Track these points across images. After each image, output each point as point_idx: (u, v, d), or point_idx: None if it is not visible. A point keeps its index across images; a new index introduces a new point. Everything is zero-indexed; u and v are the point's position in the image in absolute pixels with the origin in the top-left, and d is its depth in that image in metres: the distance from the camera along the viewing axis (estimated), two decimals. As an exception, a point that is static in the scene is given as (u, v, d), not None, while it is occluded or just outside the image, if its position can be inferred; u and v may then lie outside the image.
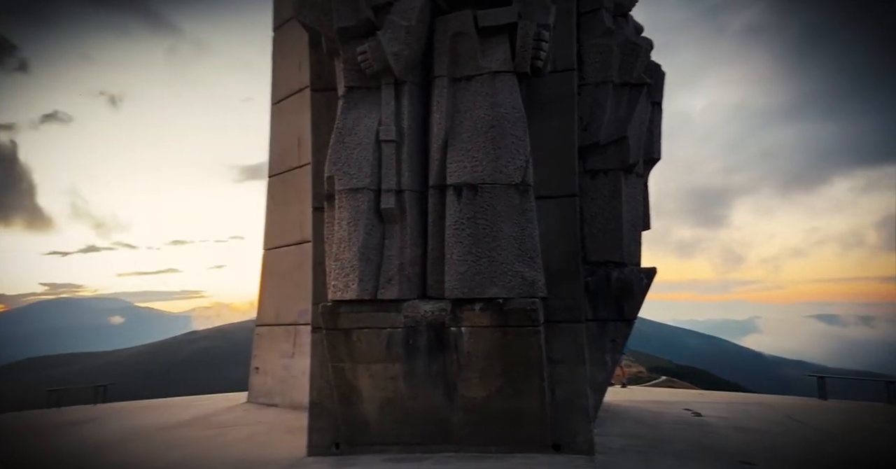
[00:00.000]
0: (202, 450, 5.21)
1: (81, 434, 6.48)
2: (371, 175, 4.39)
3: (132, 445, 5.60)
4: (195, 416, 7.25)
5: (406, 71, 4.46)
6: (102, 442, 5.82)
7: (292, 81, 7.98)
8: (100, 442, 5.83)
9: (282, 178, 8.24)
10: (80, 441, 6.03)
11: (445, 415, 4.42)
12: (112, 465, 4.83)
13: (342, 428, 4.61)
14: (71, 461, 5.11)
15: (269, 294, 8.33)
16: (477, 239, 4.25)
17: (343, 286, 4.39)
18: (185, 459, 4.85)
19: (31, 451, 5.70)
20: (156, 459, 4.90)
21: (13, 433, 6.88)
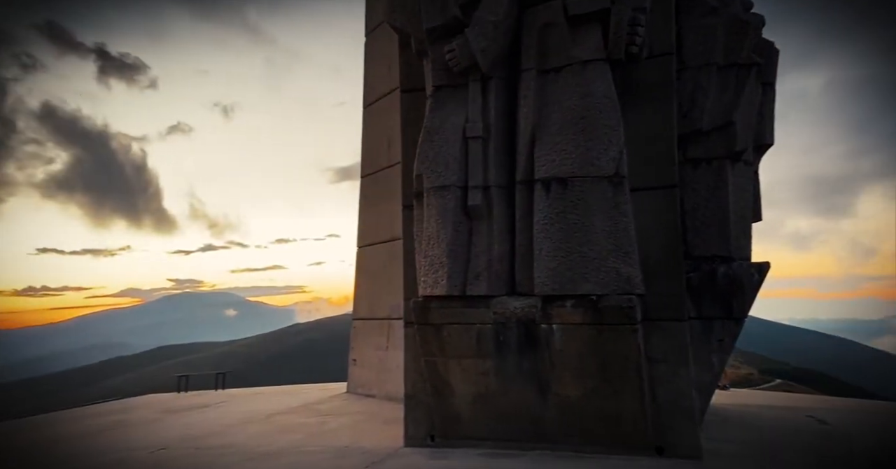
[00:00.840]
0: (309, 435, 5.58)
1: (209, 416, 7.23)
2: (458, 172, 4.42)
3: (251, 428, 6.15)
4: (301, 403, 7.77)
5: (493, 66, 4.43)
6: (227, 424, 6.45)
7: (382, 84, 8.26)
8: (224, 424, 6.46)
9: (373, 178, 8.57)
10: (208, 422, 6.73)
11: (538, 412, 4.37)
12: (237, 445, 5.33)
13: (436, 421, 4.71)
14: (203, 438, 5.71)
15: (363, 289, 8.70)
16: (567, 234, 4.14)
17: (433, 282, 4.47)
18: (295, 444, 5.22)
19: (171, 430, 6.43)
20: (271, 443, 5.33)
21: (153, 413, 7.81)
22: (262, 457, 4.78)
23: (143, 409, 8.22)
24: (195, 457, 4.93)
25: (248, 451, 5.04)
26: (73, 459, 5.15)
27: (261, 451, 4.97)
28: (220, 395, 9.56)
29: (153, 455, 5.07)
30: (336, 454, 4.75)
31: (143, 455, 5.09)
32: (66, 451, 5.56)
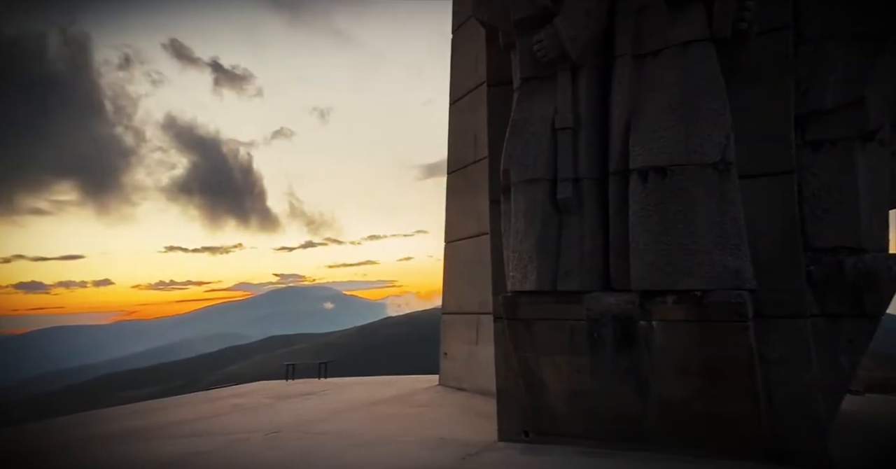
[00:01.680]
0: (406, 425, 5.78)
1: (314, 403, 7.74)
2: (546, 165, 4.33)
3: (352, 415, 6.50)
4: (396, 394, 8.06)
5: (584, 54, 4.28)
6: (331, 411, 6.87)
7: (469, 80, 8.30)
8: (329, 411, 6.89)
9: (459, 174, 8.64)
10: (314, 408, 7.22)
11: (638, 413, 4.18)
12: (342, 431, 5.66)
13: (530, 417, 4.67)
14: (311, 424, 6.13)
15: (452, 284, 8.83)
16: (667, 226, 3.91)
17: (521, 277, 4.43)
18: (393, 432, 5.44)
19: (282, 415, 6.97)
20: (371, 431, 5.60)
21: (266, 398, 8.50)
22: (365, 443, 5.02)
23: (257, 395, 8.97)
24: (305, 440, 5.29)
25: (352, 437, 5.32)
26: (199, 438, 5.74)
27: (364, 438, 5.23)
28: (323, 383, 10.18)
29: (268, 437, 5.51)
30: (432, 445, 4.87)
31: (259, 437, 5.55)
32: (193, 430, 6.22)
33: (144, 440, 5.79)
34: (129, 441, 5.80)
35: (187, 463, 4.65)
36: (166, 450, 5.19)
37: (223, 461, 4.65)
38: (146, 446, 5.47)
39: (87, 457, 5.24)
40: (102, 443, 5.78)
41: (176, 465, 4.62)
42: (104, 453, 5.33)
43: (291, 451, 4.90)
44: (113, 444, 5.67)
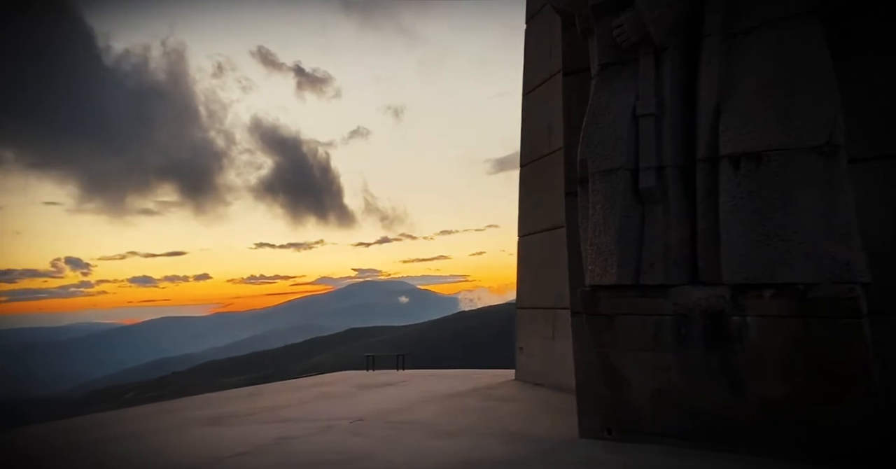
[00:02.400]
0: (483, 418, 5.82)
1: (394, 393, 7.99)
2: (627, 154, 4.16)
3: (430, 407, 6.65)
4: (472, 387, 8.13)
5: (668, 36, 4.05)
6: (411, 402, 7.07)
7: (543, 70, 8.15)
8: (409, 402, 7.10)
9: (533, 167, 8.52)
10: (394, 399, 7.46)
11: (731, 413, 3.94)
12: (421, 421, 5.82)
13: (612, 414, 4.54)
14: (392, 413, 6.35)
15: (526, 278, 8.74)
16: (762, 215, 3.62)
17: (601, 271, 4.29)
18: (471, 425, 5.50)
19: (364, 404, 7.28)
20: (450, 422, 5.70)
21: (349, 388, 8.89)
22: (444, 435, 5.12)
23: (340, 384, 9.40)
24: (387, 429, 5.48)
25: (431, 428, 5.44)
26: (290, 423, 6.12)
27: (442, 430, 5.33)
28: (401, 374, 10.47)
29: (353, 425, 5.76)
30: (510, 439, 4.88)
31: (345, 424, 5.82)
32: (284, 416, 6.63)
33: (242, 424, 6.25)
34: (228, 424, 6.29)
35: (281, 446, 4.97)
36: (261, 434, 5.57)
37: (313, 446, 4.92)
38: (244, 430, 5.91)
39: (192, 438, 5.75)
40: (204, 425, 6.31)
41: (270, 447, 4.95)
42: (206, 435, 5.82)
43: (374, 439, 5.10)
44: (214, 427, 6.17)
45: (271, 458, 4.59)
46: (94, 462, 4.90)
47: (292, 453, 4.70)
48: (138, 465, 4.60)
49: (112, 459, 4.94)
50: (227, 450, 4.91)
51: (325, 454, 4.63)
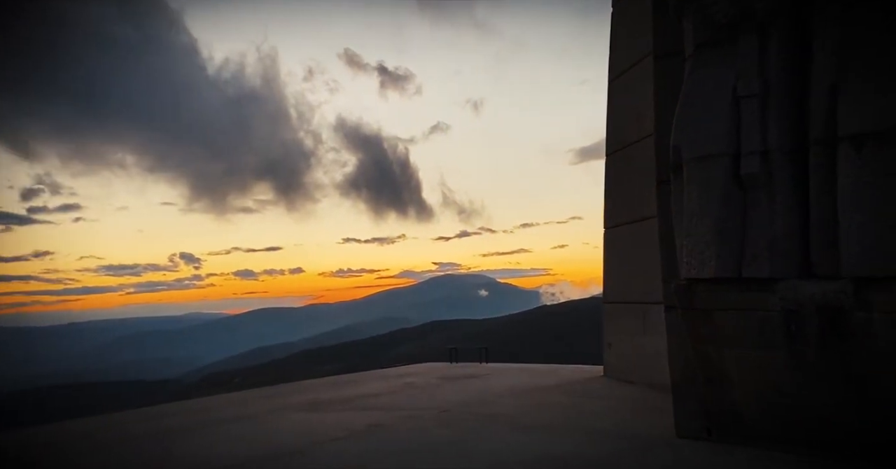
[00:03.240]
0: (568, 414, 5.73)
1: (477, 386, 8.06)
2: (726, 138, 3.88)
3: (514, 400, 6.64)
4: (557, 382, 8.01)
5: (773, 10, 3.72)
6: (495, 394, 7.11)
7: (631, 54, 7.81)
8: (493, 394, 7.14)
9: (620, 155, 8.19)
10: (478, 391, 7.54)
11: (847, 418, 3.58)
12: (504, 414, 5.84)
13: (712, 414, 4.29)
14: (476, 405, 6.41)
15: (613, 272, 8.43)
16: (890, 202, 3.24)
17: (698, 264, 4.05)
18: (555, 420, 5.44)
19: (449, 395, 7.43)
20: (533, 416, 5.68)
21: (434, 379, 9.10)
22: (528, 428, 5.10)
23: (426, 375, 9.64)
24: (471, 420, 5.56)
25: (516, 421, 5.44)
26: (380, 411, 6.38)
27: (527, 423, 5.31)
28: (484, 367, 10.54)
29: (439, 415, 5.91)
30: (599, 436, 4.76)
31: (431, 414, 5.98)
32: (374, 404, 6.92)
33: (336, 410, 6.61)
34: (324, 410, 6.68)
35: (373, 433, 5.20)
36: (355, 420, 5.86)
37: (402, 435, 5.11)
38: (338, 416, 6.25)
39: (293, 421, 6.17)
40: (303, 410, 6.74)
41: (363, 434, 5.20)
42: (305, 419, 6.22)
43: (459, 429, 5.19)
44: (311, 413, 6.58)
45: (365, 443, 4.82)
46: (226, 438, 5.40)
47: (384, 440, 4.91)
48: (256, 445, 5.00)
49: (236, 438, 5.41)
50: (325, 434, 5.22)
51: (414, 443, 4.79)
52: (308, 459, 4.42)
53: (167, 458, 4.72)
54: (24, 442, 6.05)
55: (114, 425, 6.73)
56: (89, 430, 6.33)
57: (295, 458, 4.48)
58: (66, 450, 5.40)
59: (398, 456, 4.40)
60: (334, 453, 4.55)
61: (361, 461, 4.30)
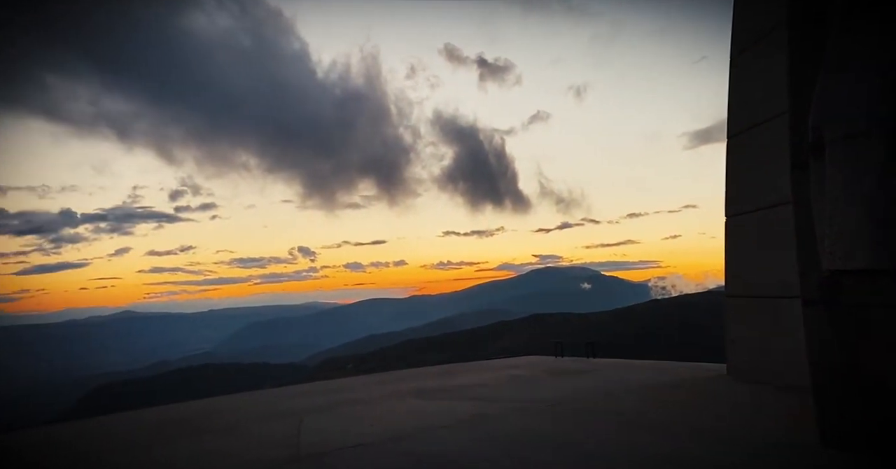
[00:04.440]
0: (687, 415, 5.37)
1: (587, 381, 7.86)
2: (881, 114, 3.38)
3: (628, 398, 6.38)
4: (672, 380, 7.56)
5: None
6: (605, 391, 6.88)
7: (761, 24, 7.08)
8: (603, 391, 6.92)
9: (745, 137, 7.47)
10: (587, 387, 7.34)
11: None
12: (618, 411, 5.64)
13: (865, 423, 3.79)
14: (585, 401, 6.25)
15: (737, 264, 7.73)
16: None
17: (843, 254, 3.58)
18: (675, 421, 5.11)
19: (557, 390, 7.32)
20: (650, 415, 5.40)
21: (539, 372, 9.02)
22: (642, 427, 4.87)
23: (530, 368, 9.59)
24: (580, 416, 5.42)
25: (628, 419, 5.22)
26: (486, 402, 6.45)
27: (640, 422, 5.07)
28: (592, 363, 10.22)
29: (545, 408, 5.85)
30: (723, 440, 4.41)
31: (538, 407, 5.94)
32: (480, 394, 7.02)
33: (443, 399, 6.81)
34: (431, 398, 6.91)
35: (479, 422, 5.29)
36: (461, 409, 5.99)
37: (509, 426, 5.13)
38: (445, 404, 6.43)
39: (404, 407, 6.46)
40: (412, 397, 7.03)
41: (470, 423, 5.30)
42: (415, 406, 6.48)
43: (568, 424, 5.09)
44: (420, 399, 6.84)
45: (473, 432, 4.91)
46: (350, 419, 5.83)
47: (491, 430, 4.97)
48: (376, 427, 5.32)
49: (359, 419, 5.80)
50: (434, 421, 5.40)
51: (523, 434, 4.79)
52: (419, 443, 4.61)
53: (309, 434, 5.16)
54: (184, 412, 6.99)
55: (256, 403, 7.52)
56: (239, 406, 7.14)
57: (408, 441, 4.70)
58: (225, 420, 6.15)
59: (503, 445, 4.43)
60: (441, 439, 4.70)
61: (466, 448, 4.39)
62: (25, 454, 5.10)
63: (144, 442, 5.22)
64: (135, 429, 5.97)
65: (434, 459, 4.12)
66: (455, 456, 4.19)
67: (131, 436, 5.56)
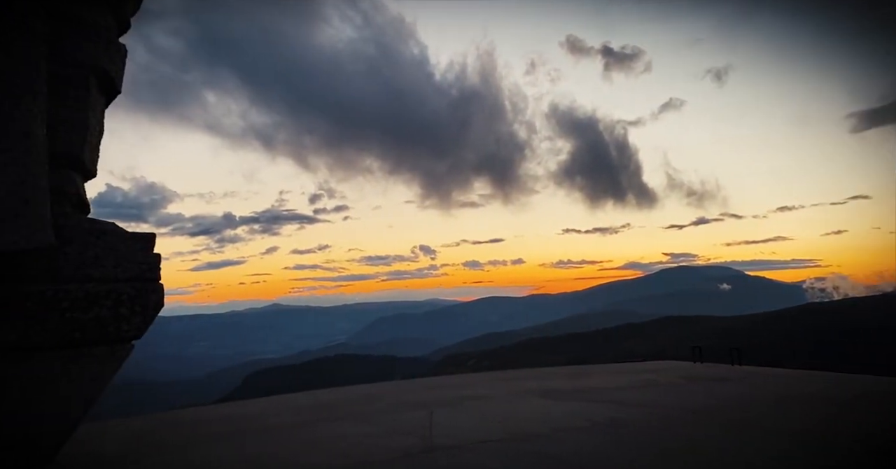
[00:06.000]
0: (859, 432, 4.60)
1: (732, 389, 7.13)
2: None
3: (783, 409, 5.67)
4: (844, 394, 6.54)
5: None
6: (753, 400, 6.20)
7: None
8: (753, 399, 6.24)
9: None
10: (730, 395, 6.66)
11: None
12: (771, 424, 5.02)
13: None
14: (724, 412, 5.67)
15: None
16: None
17: None
18: (836, 435, 4.41)
19: (695, 396, 6.72)
20: (810, 426, 4.72)
21: (676, 378, 8.37)
22: (794, 439, 4.27)
23: (665, 373, 8.94)
24: (728, 427, 4.91)
25: (786, 433, 4.60)
26: (620, 405, 6.12)
27: (792, 430, 4.45)
28: (737, 370, 9.24)
29: (685, 415, 5.39)
30: None
31: (678, 413, 5.50)
32: (613, 397, 6.67)
33: (573, 400, 6.60)
34: (560, 398, 6.73)
35: (613, 427, 5.03)
36: (595, 412, 5.75)
37: (645, 432, 4.81)
38: (576, 406, 6.22)
39: (531, 407, 6.37)
40: (539, 396, 6.92)
41: (604, 426, 5.06)
42: (543, 406, 6.37)
43: (709, 433, 4.65)
44: (548, 400, 6.70)
45: (609, 436, 4.68)
46: (477, 415, 5.93)
47: (625, 436, 4.69)
48: (505, 425, 5.34)
49: (486, 416, 5.88)
50: (566, 423, 5.24)
51: (657, 442, 4.46)
52: (551, 444, 4.50)
53: (439, 426, 5.33)
54: (337, 397, 7.63)
55: (389, 393, 7.96)
56: (373, 395, 7.62)
57: (539, 441, 4.61)
58: (360, 407, 6.61)
59: (640, 453, 4.15)
60: (575, 442, 4.54)
61: (602, 453, 4.19)
62: (216, 426, 5.91)
63: (296, 423, 5.77)
64: (287, 411, 6.63)
65: (567, 462, 4.00)
66: (588, 460, 4.03)
67: (284, 418, 6.17)
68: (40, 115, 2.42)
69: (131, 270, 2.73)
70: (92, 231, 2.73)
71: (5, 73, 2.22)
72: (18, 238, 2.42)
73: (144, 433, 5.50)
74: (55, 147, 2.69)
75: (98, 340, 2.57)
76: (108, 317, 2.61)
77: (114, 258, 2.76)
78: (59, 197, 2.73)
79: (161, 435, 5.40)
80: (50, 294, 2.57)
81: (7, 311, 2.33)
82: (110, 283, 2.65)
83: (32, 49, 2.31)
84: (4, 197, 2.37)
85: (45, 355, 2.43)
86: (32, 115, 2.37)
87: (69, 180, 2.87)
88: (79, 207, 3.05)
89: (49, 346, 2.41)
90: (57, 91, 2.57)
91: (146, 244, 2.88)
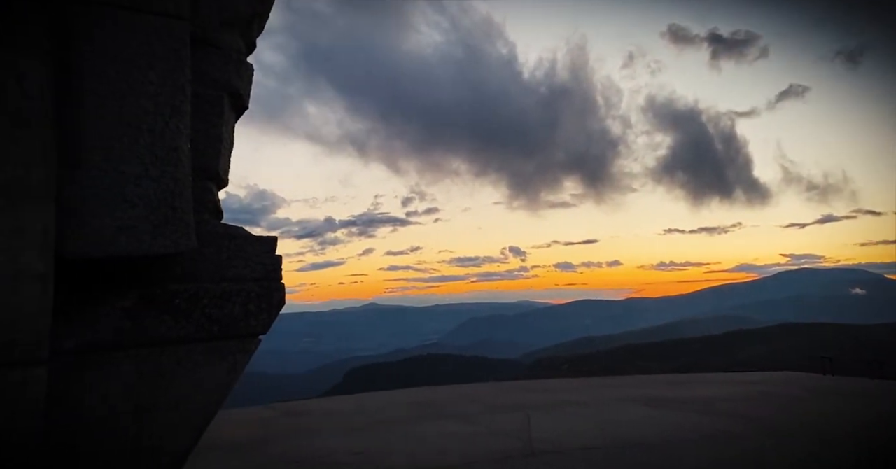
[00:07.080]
0: None
1: (874, 410, 6.34)
2: None
3: None
4: None
5: None
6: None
7: None
8: (887, 422, 5.50)
9: None
10: (878, 416, 5.93)
11: None
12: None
13: None
14: (866, 429, 5.07)
15: None
16: None
17: None
18: None
19: (821, 409, 6.08)
20: None
21: (798, 391, 7.61)
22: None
23: (786, 385, 8.16)
24: (857, 449, 4.39)
25: None
26: (727, 418, 5.70)
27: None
28: (877, 385, 8.19)
29: (808, 432, 4.88)
30: None
31: (798, 430, 5.00)
32: (722, 410, 6.22)
33: (677, 410, 6.25)
34: (664, 407, 6.41)
35: (725, 441, 4.71)
36: (700, 423, 5.42)
37: (760, 449, 4.44)
38: (679, 417, 5.89)
39: (636, 415, 6.14)
40: (643, 404, 6.64)
41: (714, 439, 4.75)
42: (647, 415, 6.10)
43: (839, 453, 4.16)
44: (651, 409, 6.41)
45: (715, 451, 4.40)
46: (577, 421, 5.87)
47: (738, 451, 4.37)
48: (608, 432, 5.22)
49: (586, 423, 5.79)
50: (672, 434, 5.00)
51: (774, 460, 4.10)
52: (656, 455, 4.32)
53: (537, 430, 5.34)
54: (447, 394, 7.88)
55: (484, 395, 8.05)
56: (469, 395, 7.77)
57: (643, 450, 4.45)
58: (460, 407, 6.77)
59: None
60: (682, 454, 4.31)
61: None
62: (326, 418, 6.37)
63: (399, 419, 6.03)
64: (390, 407, 6.95)
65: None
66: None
67: (392, 412, 6.48)
68: (185, 131, 2.80)
69: (258, 271, 3.04)
70: (225, 235, 3.09)
71: (160, 95, 2.59)
72: (169, 243, 2.80)
73: (268, 422, 6.05)
74: (196, 160, 3.09)
75: (232, 335, 2.91)
76: (240, 313, 2.93)
77: (243, 260, 3.09)
78: (199, 205, 3.13)
79: (283, 423, 5.92)
80: (193, 292, 2.96)
81: (158, 308, 2.74)
82: (241, 282, 2.97)
83: (180, 74, 2.68)
84: (158, 206, 2.77)
85: (192, 348, 2.81)
86: (179, 131, 2.75)
87: (207, 190, 3.27)
88: (215, 214, 3.48)
89: (193, 339, 2.79)
90: (197, 110, 2.96)
91: (270, 247, 3.20)
